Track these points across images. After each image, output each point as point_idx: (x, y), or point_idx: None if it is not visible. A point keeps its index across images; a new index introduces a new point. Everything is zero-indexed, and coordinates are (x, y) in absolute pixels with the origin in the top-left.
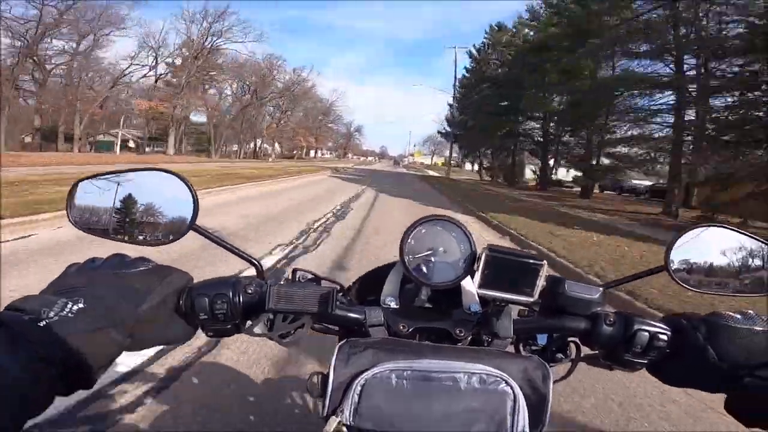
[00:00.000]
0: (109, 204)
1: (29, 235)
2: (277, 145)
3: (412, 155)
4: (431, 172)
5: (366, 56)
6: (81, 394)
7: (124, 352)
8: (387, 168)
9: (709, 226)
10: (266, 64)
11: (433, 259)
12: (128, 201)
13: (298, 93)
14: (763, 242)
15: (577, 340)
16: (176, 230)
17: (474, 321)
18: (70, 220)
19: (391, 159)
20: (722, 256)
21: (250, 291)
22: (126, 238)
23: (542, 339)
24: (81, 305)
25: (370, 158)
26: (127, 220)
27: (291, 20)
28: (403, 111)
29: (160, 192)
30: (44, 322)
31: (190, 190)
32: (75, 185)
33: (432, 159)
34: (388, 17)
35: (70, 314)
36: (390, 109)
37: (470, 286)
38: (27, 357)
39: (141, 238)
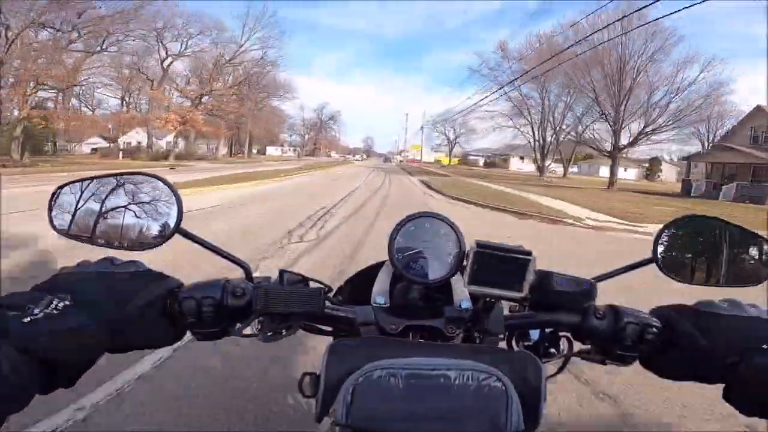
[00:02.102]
0: (92, 209)
1: None
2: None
3: (403, 152)
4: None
5: (350, 54)
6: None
7: (109, 354)
8: (377, 190)
9: (696, 216)
10: None
11: (422, 256)
12: (111, 205)
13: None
14: (749, 232)
15: (569, 335)
16: (161, 234)
17: (465, 318)
18: (52, 227)
19: (381, 156)
20: (710, 246)
21: (238, 293)
22: (110, 243)
23: (534, 334)
24: (67, 303)
25: (356, 157)
26: (111, 224)
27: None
28: (390, 109)
29: (144, 196)
30: (28, 319)
31: (174, 193)
32: (56, 191)
33: (450, 155)
34: (372, 15)
35: (55, 311)
36: (376, 106)
37: (460, 282)
38: (9, 353)
39: (125, 242)
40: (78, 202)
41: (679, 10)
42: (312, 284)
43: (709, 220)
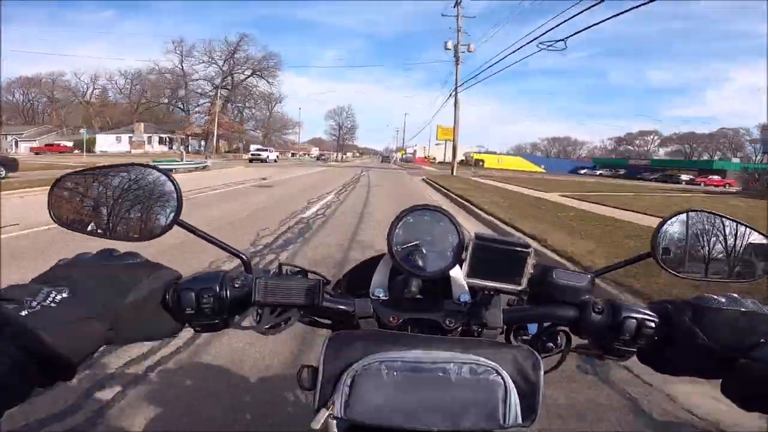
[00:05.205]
0: (91, 200)
1: None
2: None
3: (399, 151)
4: None
5: (345, 53)
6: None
7: (110, 348)
8: None
9: (695, 211)
10: None
11: (421, 249)
12: (111, 197)
13: None
14: (748, 227)
15: (566, 329)
16: (161, 225)
17: (464, 311)
18: (52, 217)
19: (378, 156)
20: (708, 241)
21: (237, 285)
22: (109, 234)
23: (533, 328)
24: (65, 295)
25: (267, 154)
26: (111, 216)
27: (267, 18)
28: (386, 108)
29: (144, 187)
30: (26, 312)
31: (174, 185)
32: (56, 182)
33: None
34: (367, 12)
35: (53, 303)
36: (374, 106)
37: (459, 275)
38: (7, 347)
39: (125, 234)
40: (78, 192)
41: None
42: (311, 276)
43: (708, 215)
